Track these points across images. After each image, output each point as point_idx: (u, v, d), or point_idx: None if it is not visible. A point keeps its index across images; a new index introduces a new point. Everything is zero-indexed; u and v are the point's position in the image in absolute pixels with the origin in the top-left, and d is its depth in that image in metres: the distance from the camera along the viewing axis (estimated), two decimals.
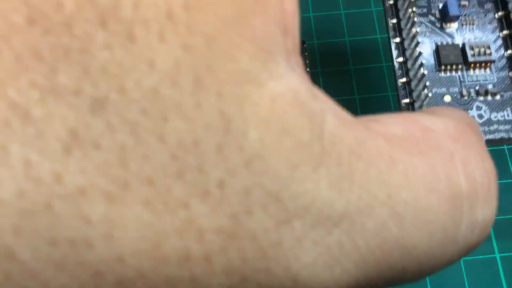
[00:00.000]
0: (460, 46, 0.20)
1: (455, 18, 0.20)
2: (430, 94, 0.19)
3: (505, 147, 0.22)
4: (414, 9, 0.20)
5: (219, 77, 0.08)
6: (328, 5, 0.26)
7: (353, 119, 0.11)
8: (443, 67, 0.19)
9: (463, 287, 0.21)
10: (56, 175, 0.08)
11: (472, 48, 0.19)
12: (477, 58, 0.19)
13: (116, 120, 0.08)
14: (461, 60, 0.19)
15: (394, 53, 0.20)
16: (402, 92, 0.19)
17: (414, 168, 0.11)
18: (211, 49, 0.08)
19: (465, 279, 0.21)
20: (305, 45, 0.23)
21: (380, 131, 0.11)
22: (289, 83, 0.09)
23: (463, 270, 0.21)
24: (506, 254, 0.21)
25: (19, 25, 0.08)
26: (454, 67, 0.19)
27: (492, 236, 0.22)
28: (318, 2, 0.25)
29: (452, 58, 0.19)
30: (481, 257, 0.22)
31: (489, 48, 0.19)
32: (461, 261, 0.21)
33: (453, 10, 0.20)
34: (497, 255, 0.21)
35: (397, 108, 0.20)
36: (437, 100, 0.19)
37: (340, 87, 0.24)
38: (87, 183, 0.08)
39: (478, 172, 0.12)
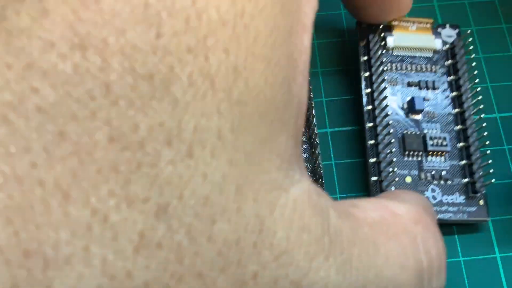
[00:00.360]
0: (422, 136, 0.23)
1: (420, 111, 0.24)
2: (395, 175, 0.22)
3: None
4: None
5: (255, 186, 0.10)
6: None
7: (346, 210, 0.13)
8: (407, 152, 0.23)
9: (463, 287, 0.21)
10: (127, 272, 0.09)
11: (431, 139, 0.23)
12: (435, 148, 0.23)
13: (175, 223, 0.09)
14: (422, 148, 0.23)
15: (368, 136, 0.23)
16: (371, 170, 0.22)
17: (391, 250, 0.13)
18: (250, 163, 0.10)
19: (465, 279, 0.22)
20: None
21: (362, 217, 0.13)
22: (303, 186, 0.11)
23: (463, 270, 0.22)
24: (506, 254, 0.22)
25: (101, 142, 0.09)
26: (416, 153, 0.23)
27: (492, 236, 0.22)
28: None
29: (415, 145, 0.23)
30: (481, 257, 0.22)
31: (445, 140, 0.23)
32: (461, 261, 0.22)
33: (418, 105, 0.23)
34: (497, 255, 0.22)
35: None
36: (400, 180, 0.22)
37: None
38: (151, 277, 0.09)
39: (433, 249, 0.14)
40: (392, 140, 0.23)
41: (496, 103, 0.25)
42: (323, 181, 0.21)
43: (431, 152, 0.23)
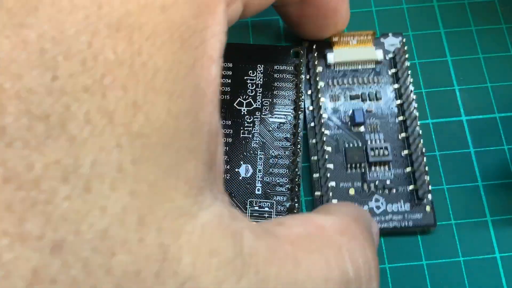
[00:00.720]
0: (364, 148, 0.24)
1: (361, 124, 0.24)
2: (338, 189, 0.23)
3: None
4: (326, 115, 0.24)
5: (159, 215, 0.10)
6: None
7: (266, 231, 0.14)
8: (349, 165, 0.23)
9: (463, 287, 0.22)
10: None
11: (372, 150, 0.23)
12: (376, 159, 0.23)
13: (71, 258, 0.09)
14: (364, 160, 0.23)
15: (311, 152, 0.24)
16: (316, 185, 0.23)
17: (313, 264, 0.13)
18: (154, 192, 0.10)
19: (465, 279, 0.22)
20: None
21: (285, 234, 0.14)
22: (214, 211, 0.11)
23: (463, 270, 0.22)
24: (506, 254, 0.22)
25: None
26: (358, 165, 0.23)
27: (492, 236, 0.22)
28: None
29: (356, 158, 0.23)
30: (481, 257, 0.22)
31: (386, 149, 0.23)
32: (461, 261, 0.22)
33: (358, 118, 0.24)
34: (497, 255, 0.22)
35: None
36: (343, 193, 0.23)
37: None
38: None
39: (361, 258, 0.15)
40: (329, 156, 0.23)
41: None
42: (299, 190, 0.22)
43: (373, 163, 0.23)
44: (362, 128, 0.24)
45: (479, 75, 0.26)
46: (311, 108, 0.24)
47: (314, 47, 0.25)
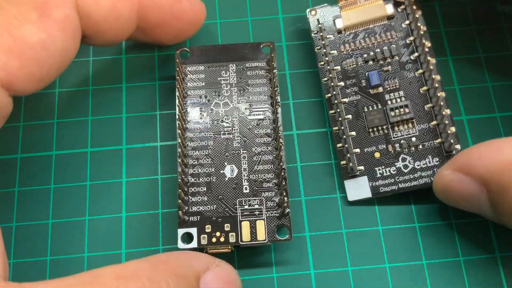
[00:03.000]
0: (383, 109, 0.24)
1: (379, 85, 0.24)
2: (362, 154, 0.23)
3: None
4: (342, 83, 0.24)
5: None
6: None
7: None
8: (370, 130, 0.23)
9: (463, 287, 0.22)
10: None
11: (392, 110, 0.23)
12: (398, 118, 0.23)
13: None
14: (384, 122, 0.23)
15: (331, 123, 0.24)
16: (340, 155, 0.24)
17: None
18: None
19: (465, 279, 0.22)
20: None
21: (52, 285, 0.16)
22: None
23: (463, 270, 0.22)
24: (506, 254, 0.22)
25: None
26: (379, 128, 0.23)
27: (492, 236, 0.23)
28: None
29: (376, 121, 0.23)
30: (481, 257, 0.22)
31: (407, 107, 0.23)
32: (461, 261, 0.22)
33: (374, 80, 0.24)
34: (497, 255, 0.22)
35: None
36: (369, 157, 0.23)
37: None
38: None
39: None
40: (350, 124, 0.23)
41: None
42: (286, 184, 0.22)
43: (396, 123, 0.23)
44: (380, 89, 0.24)
45: None
46: (325, 79, 0.25)
47: (319, 14, 0.25)
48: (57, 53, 0.19)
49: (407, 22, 0.24)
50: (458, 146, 0.22)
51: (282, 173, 0.22)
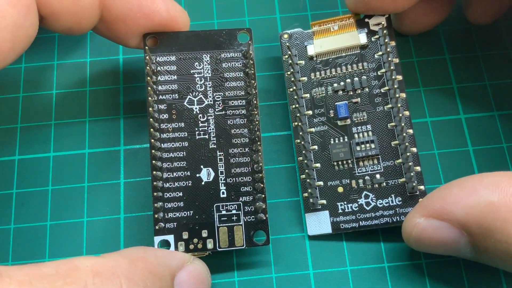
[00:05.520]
0: (349, 143, 0.23)
1: (347, 118, 0.23)
2: (325, 187, 0.23)
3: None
4: (311, 112, 0.24)
5: None
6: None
7: None
8: (335, 163, 0.23)
9: (463, 287, 0.22)
10: None
11: (358, 144, 0.23)
12: (363, 153, 0.23)
13: None
14: (349, 156, 0.23)
15: (296, 153, 0.23)
16: (303, 186, 0.23)
17: None
18: None
19: (465, 279, 0.22)
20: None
21: (18, 273, 0.15)
22: None
23: (463, 270, 0.22)
24: None
25: None
26: (344, 162, 0.23)
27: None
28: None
29: (342, 155, 0.23)
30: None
31: (373, 142, 0.23)
32: (461, 261, 0.22)
33: (342, 112, 0.23)
34: None
35: None
36: (332, 191, 0.23)
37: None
38: None
39: None
40: (315, 155, 0.23)
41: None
42: (264, 187, 0.21)
43: (361, 158, 0.23)
44: (348, 121, 0.23)
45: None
46: (293, 106, 0.24)
47: (292, 38, 0.24)
48: (8, 29, 0.18)
49: (380, 53, 0.24)
50: (422, 187, 0.22)
51: (261, 175, 0.22)
